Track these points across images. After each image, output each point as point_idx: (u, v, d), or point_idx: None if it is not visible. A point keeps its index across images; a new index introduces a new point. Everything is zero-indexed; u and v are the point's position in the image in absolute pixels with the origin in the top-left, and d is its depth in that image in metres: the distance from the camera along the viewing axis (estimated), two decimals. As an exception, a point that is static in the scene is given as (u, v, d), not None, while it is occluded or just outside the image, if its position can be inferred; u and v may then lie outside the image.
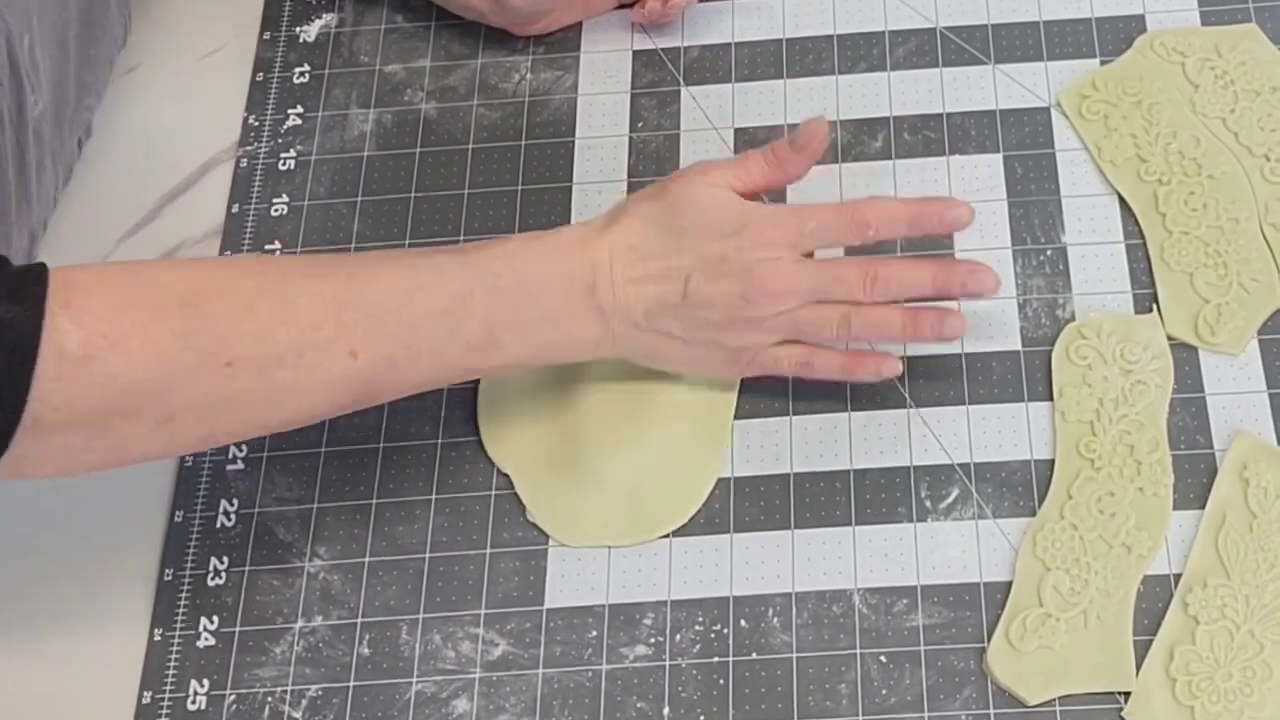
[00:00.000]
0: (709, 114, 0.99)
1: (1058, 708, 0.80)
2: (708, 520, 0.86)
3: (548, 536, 0.87)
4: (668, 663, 0.83)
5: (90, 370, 0.72)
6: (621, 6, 1.03)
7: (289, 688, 0.84)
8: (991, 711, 0.80)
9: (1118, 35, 0.99)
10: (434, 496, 0.88)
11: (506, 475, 0.88)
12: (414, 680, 0.84)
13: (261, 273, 0.80)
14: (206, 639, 0.86)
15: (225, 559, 0.88)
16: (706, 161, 0.87)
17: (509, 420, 0.90)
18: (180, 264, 0.79)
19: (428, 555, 0.87)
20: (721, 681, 0.82)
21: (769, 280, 0.83)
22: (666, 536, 0.86)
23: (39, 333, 0.71)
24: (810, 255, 0.86)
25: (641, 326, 0.84)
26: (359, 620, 0.85)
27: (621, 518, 0.86)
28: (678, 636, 0.84)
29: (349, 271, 0.80)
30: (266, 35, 1.05)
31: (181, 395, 0.75)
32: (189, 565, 0.88)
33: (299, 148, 1.01)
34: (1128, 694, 0.80)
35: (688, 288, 0.83)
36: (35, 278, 0.72)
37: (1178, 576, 0.82)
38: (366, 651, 0.84)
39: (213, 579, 0.87)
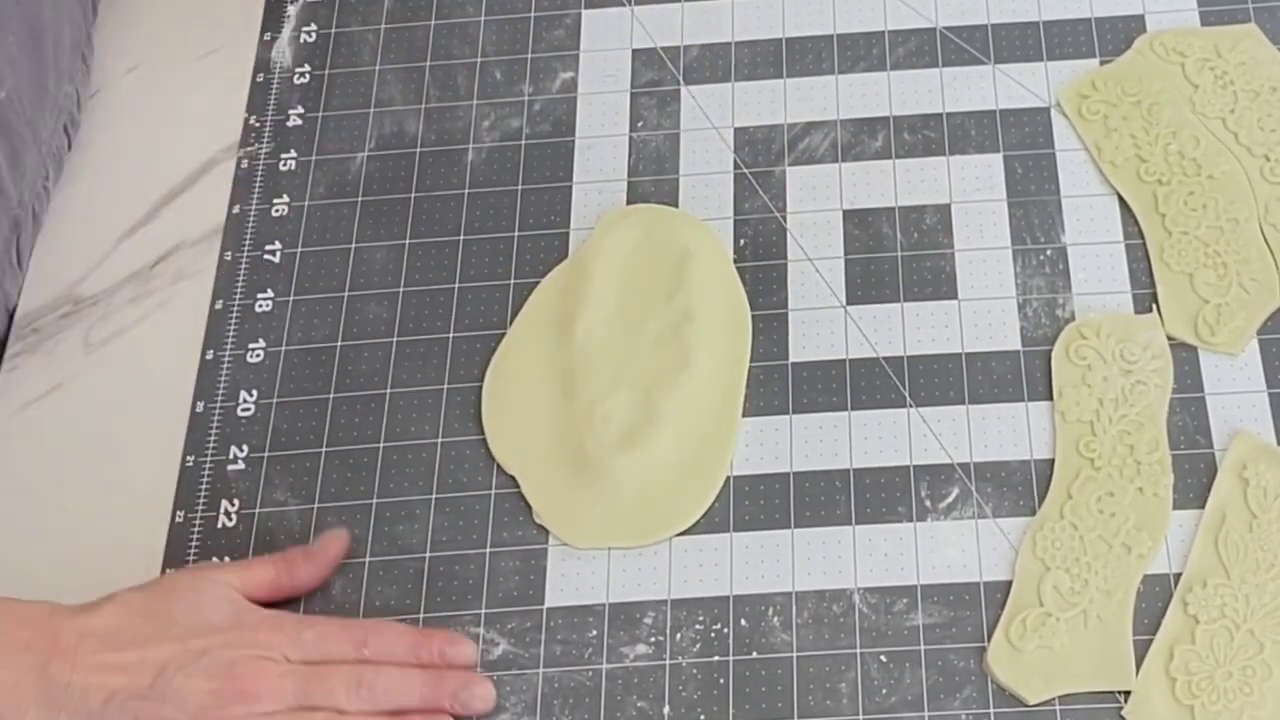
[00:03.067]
0: (709, 113, 0.99)
1: (1057, 707, 0.80)
2: (708, 519, 0.86)
3: (548, 535, 0.87)
4: (668, 662, 0.83)
5: None
6: None
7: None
8: (991, 711, 0.80)
9: (1117, 35, 0.99)
10: (434, 496, 0.88)
11: (508, 475, 0.88)
12: (414, 680, 0.84)
13: None
14: (207, 638, 0.86)
15: (227, 559, 0.87)
16: (208, 563, 0.84)
17: (515, 423, 0.89)
18: None
19: (428, 555, 0.87)
20: (722, 681, 0.82)
21: (249, 679, 0.77)
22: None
23: None
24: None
25: (96, 718, 0.76)
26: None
27: (630, 520, 0.86)
28: (678, 636, 0.84)
29: None
30: (266, 35, 1.05)
31: None
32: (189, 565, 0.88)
33: (299, 148, 1.01)
34: (1128, 693, 0.80)
35: (157, 680, 0.76)
36: None
37: (1177, 576, 0.82)
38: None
39: (213, 578, 0.87)
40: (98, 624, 0.78)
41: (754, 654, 0.83)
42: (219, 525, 0.88)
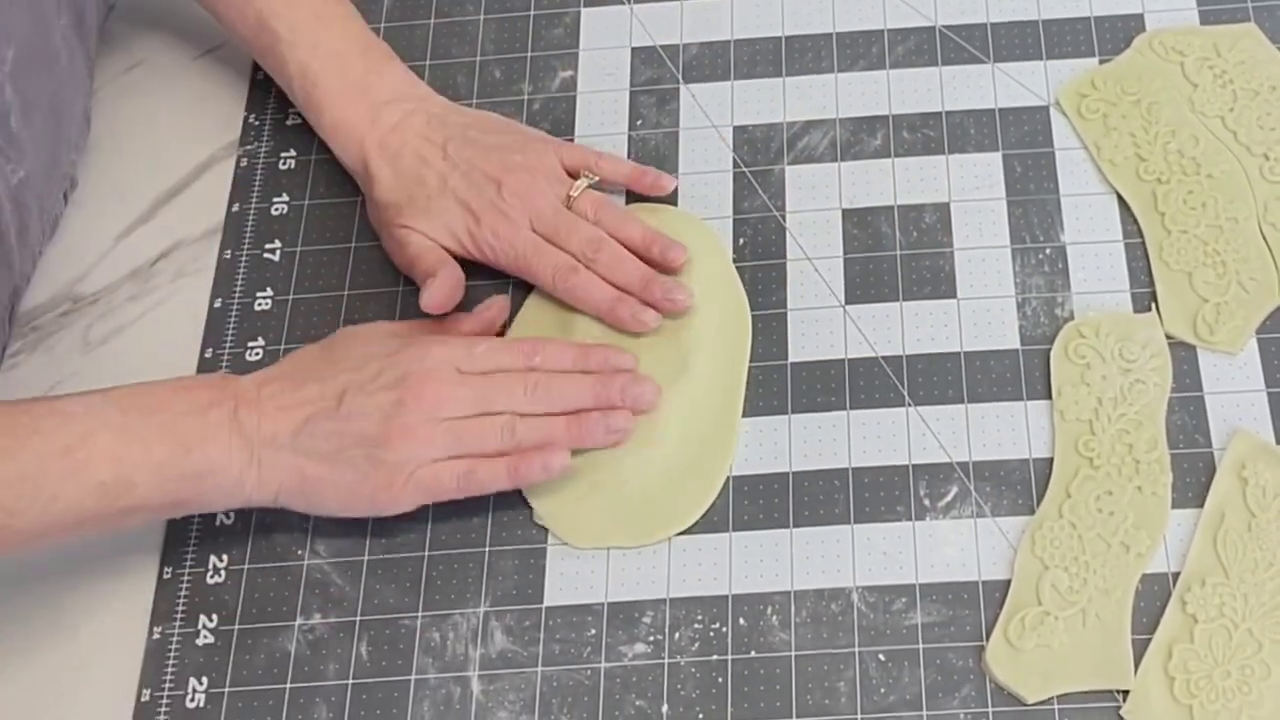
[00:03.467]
0: (708, 111, 0.99)
1: (1056, 706, 0.80)
2: (707, 519, 0.86)
3: (547, 535, 0.87)
4: (667, 661, 0.83)
5: None
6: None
7: (288, 685, 0.84)
8: (990, 710, 0.80)
9: (1117, 34, 0.99)
10: (433, 494, 0.88)
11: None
12: (413, 678, 0.84)
13: None
14: (206, 637, 0.86)
15: (225, 557, 0.88)
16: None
17: None
18: None
19: (427, 553, 0.87)
20: (720, 679, 0.82)
21: (427, 384, 0.82)
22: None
23: None
24: None
25: (290, 448, 0.82)
26: (358, 618, 0.85)
27: (631, 519, 0.86)
28: (677, 635, 0.84)
29: None
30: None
31: None
32: (188, 563, 0.88)
33: (299, 147, 1.01)
34: (1126, 692, 0.80)
35: (342, 400, 0.82)
36: None
37: (1176, 575, 0.82)
38: (366, 649, 0.85)
39: (212, 577, 0.87)
40: (274, 373, 0.85)
41: (753, 653, 0.83)
42: (218, 522, 0.88)
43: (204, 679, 0.84)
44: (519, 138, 0.94)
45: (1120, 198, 0.93)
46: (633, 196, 0.96)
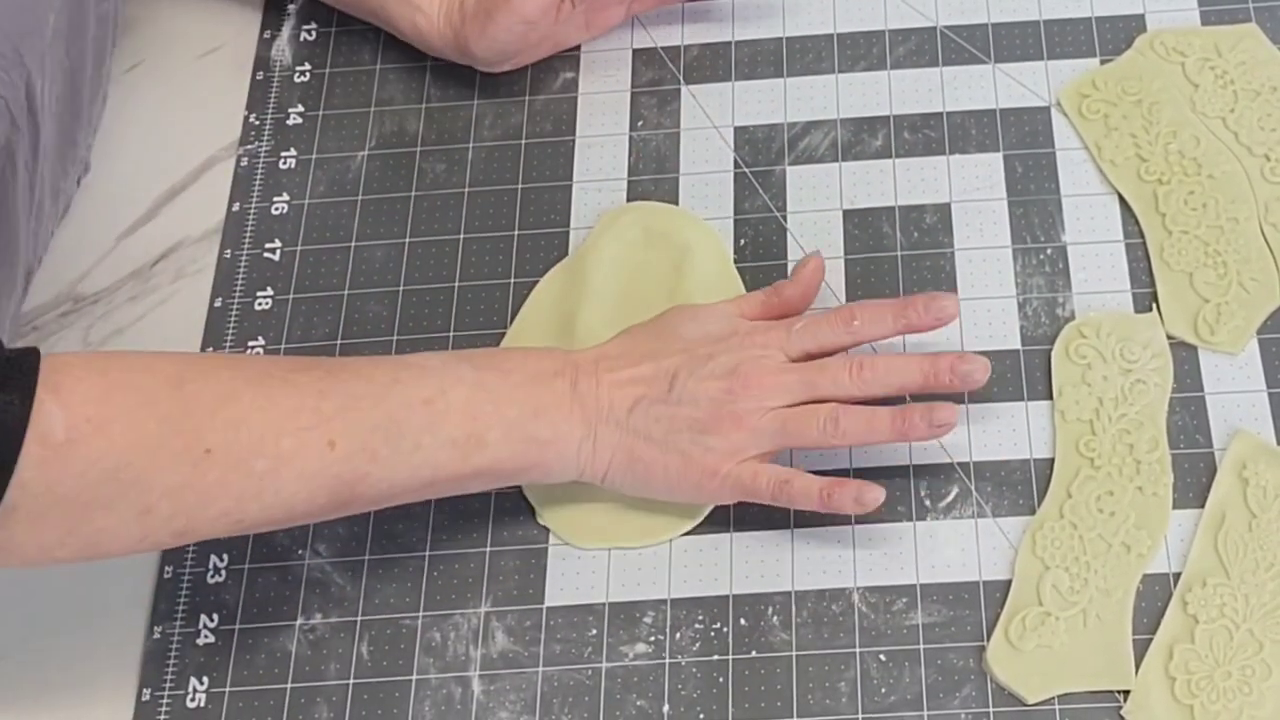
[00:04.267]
0: (709, 112, 0.99)
1: (1057, 706, 0.80)
2: (708, 519, 0.86)
3: (548, 534, 0.87)
4: (667, 661, 0.83)
5: (72, 455, 0.71)
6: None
7: (289, 685, 0.84)
8: (991, 710, 0.80)
9: (1118, 35, 0.99)
10: (434, 494, 0.88)
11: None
12: (414, 677, 0.84)
13: (244, 365, 0.79)
14: (206, 636, 0.86)
15: (225, 556, 0.88)
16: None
17: None
18: (167, 354, 0.78)
19: (428, 553, 0.87)
20: (721, 680, 0.82)
21: (755, 373, 0.83)
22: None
23: (26, 420, 0.69)
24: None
25: (624, 426, 0.83)
26: (359, 618, 0.85)
27: (635, 519, 0.86)
28: (678, 635, 0.84)
29: (329, 368, 0.80)
30: (267, 34, 1.05)
31: (160, 483, 0.73)
32: (189, 562, 0.88)
33: (300, 146, 1.01)
34: (1127, 692, 0.80)
35: (674, 384, 0.83)
36: (25, 365, 0.71)
37: (1177, 575, 0.82)
38: (367, 649, 0.85)
39: (212, 576, 0.87)
40: (610, 349, 0.85)
41: (753, 653, 0.83)
42: (219, 523, 0.89)
43: (204, 679, 0.84)
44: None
45: (1121, 198, 0.93)
46: (631, 195, 0.96)
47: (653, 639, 0.84)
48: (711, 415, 0.82)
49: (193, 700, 0.84)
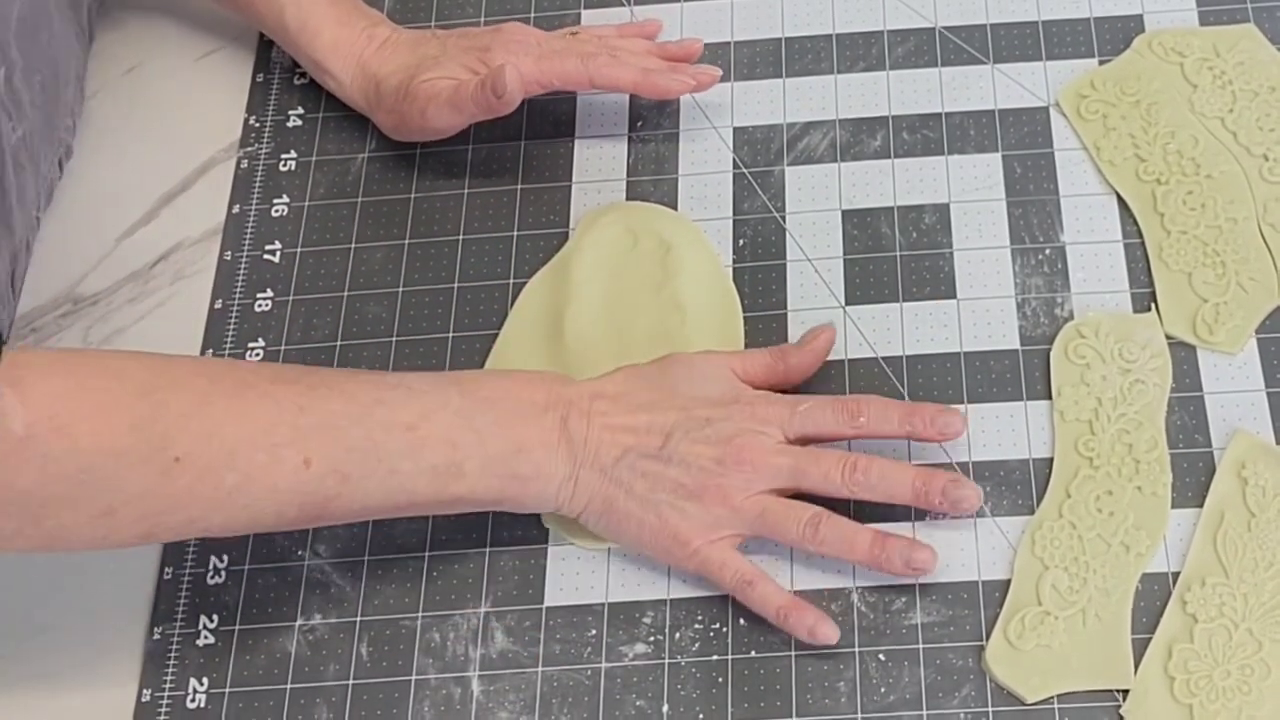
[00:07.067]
0: (708, 113, 0.99)
1: (1056, 706, 0.80)
2: (707, 519, 0.86)
3: (548, 534, 0.87)
4: (667, 661, 0.83)
5: (31, 451, 0.70)
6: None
7: (288, 686, 0.84)
8: (990, 710, 0.80)
9: (1116, 35, 0.99)
10: (433, 495, 0.88)
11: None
12: (413, 678, 0.84)
13: (223, 373, 0.78)
14: (206, 637, 0.86)
15: (225, 557, 0.88)
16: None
17: None
18: (141, 355, 0.77)
19: (427, 553, 0.87)
20: (721, 679, 0.82)
21: (749, 450, 0.81)
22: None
23: None
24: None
25: (608, 474, 0.82)
26: (358, 619, 0.85)
27: None
28: (677, 635, 0.84)
29: (311, 382, 0.79)
30: (266, 36, 1.05)
31: (125, 487, 0.73)
32: (189, 563, 0.88)
33: (299, 148, 1.01)
34: (1126, 692, 0.80)
35: (667, 442, 0.82)
36: None
37: (1176, 575, 0.82)
38: (366, 650, 0.85)
39: (212, 577, 0.87)
40: (607, 388, 0.83)
41: (753, 653, 0.83)
42: (218, 524, 0.89)
43: (204, 679, 0.84)
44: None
45: (1120, 198, 0.93)
46: (631, 195, 0.97)
47: (652, 639, 0.84)
48: (698, 483, 0.81)
49: (193, 701, 0.84)
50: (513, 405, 0.81)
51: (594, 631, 0.84)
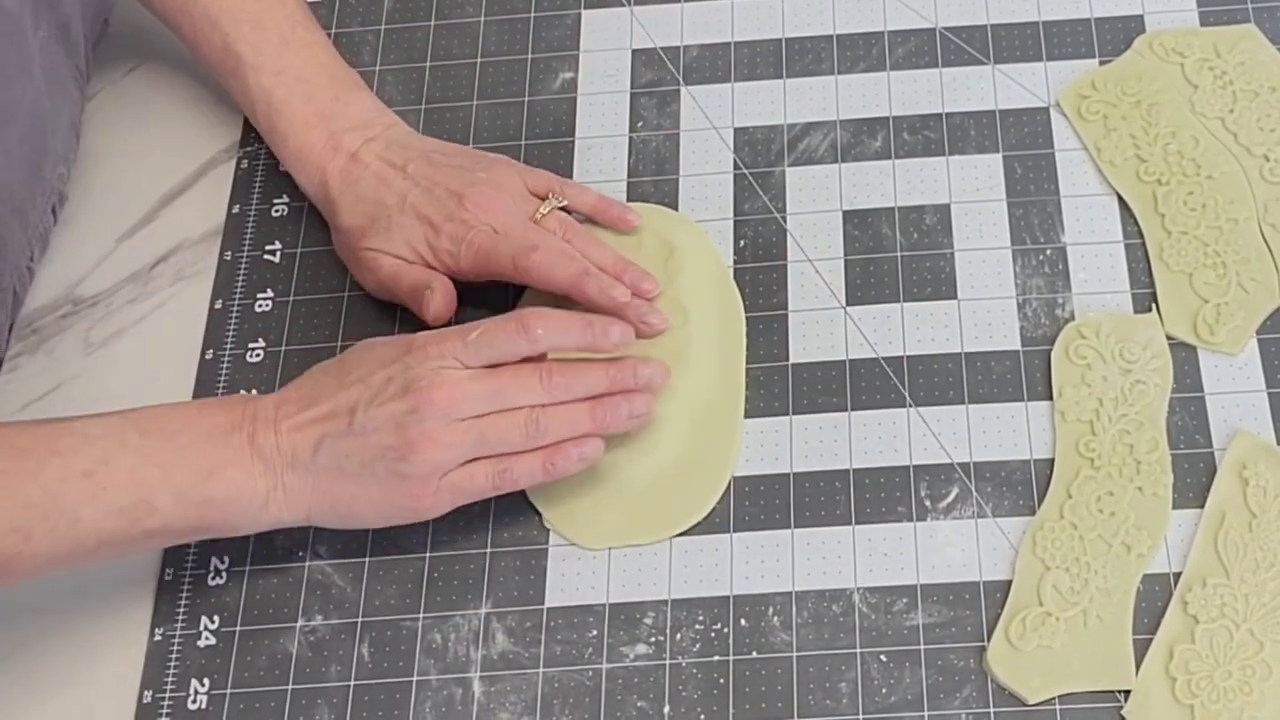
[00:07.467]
0: (709, 113, 0.99)
1: (1057, 706, 0.80)
2: (708, 520, 0.86)
3: (549, 535, 0.87)
4: (668, 662, 0.83)
5: None
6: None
7: (289, 686, 0.84)
8: (991, 710, 0.80)
9: (1117, 35, 0.99)
10: (434, 496, 0.88)
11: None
12: (414, 679, 0.84)
13: None
14: (207, 638, 0.86)
15: (226, 558, 0.88)
16: None
17: None
18: None
19: (428, 554, 0.87)
20: (722, 680, 0.82)
21: (438, 388, 0.80)
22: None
23: None
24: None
25: (312, 469, 0.81)
26: (359, 619, 0.85)
27: (641, 518, 0.86)
28: (678, 635, 0.84)
29: None
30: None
31: None
32: (190, 565, 0.88)
33: (299, 148, 1.01)
34: (1127, 692, 0.80)
35: (354, 416, 0.80)
36: None
37: (1177, 575, 0.83)
38: (367, 650, 0.85)
39: (213, 578, 0.87)
40: (290, 393, 0.83)
41: (754, 654, 0.83)
42: (219, 525, 0.89)
43: (205, 680, 0.84)
44: (483, 160, 0.92)
45: (1120, 199, 0.93)
46: (631, 196, 0.96)
47: (653, 640, 0.84)
48: (402, 439, 0.80)
49: (194, 702, 0.84)
50: (196, 433, 0.80)
51: (595, 632, 0.84)
